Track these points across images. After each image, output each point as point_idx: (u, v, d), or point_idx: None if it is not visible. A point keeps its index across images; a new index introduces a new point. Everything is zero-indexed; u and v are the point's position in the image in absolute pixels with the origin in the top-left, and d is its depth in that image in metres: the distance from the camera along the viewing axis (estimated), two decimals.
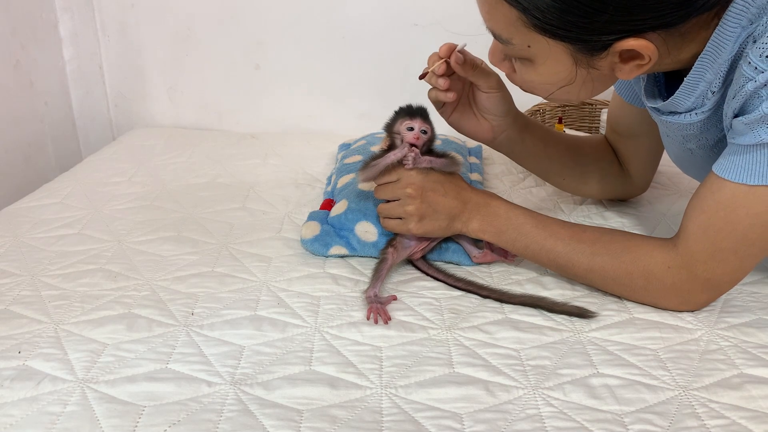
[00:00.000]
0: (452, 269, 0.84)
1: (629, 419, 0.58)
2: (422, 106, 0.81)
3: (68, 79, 1.49)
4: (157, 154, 1.30)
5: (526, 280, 0.82)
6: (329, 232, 0.89)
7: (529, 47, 0.64)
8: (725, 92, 0.65)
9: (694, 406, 0.60)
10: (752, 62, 0.58)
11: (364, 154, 1.07)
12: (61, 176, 1.19)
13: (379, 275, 0.79)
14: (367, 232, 0.87)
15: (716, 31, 0.61)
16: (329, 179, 1.09)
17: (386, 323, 0.72)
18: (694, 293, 0.71)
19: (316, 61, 1.43)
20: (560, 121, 1.26)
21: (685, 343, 0.69)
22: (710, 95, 0.66)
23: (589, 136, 1.01)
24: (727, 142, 0.67)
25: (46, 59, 1.41)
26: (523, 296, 0.77)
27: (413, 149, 0.79)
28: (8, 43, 1.28)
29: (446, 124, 0.86)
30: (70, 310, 0.75)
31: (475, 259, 0.85)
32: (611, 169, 0.96)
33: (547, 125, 1.27)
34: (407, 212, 0.80)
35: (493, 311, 0.75)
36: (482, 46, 0.74)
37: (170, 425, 0.57)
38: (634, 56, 0.62)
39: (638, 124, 0.87)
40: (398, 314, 0.74)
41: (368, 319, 0.73)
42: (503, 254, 0.84)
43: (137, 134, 1.44)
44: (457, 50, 0.77)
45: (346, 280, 0.82)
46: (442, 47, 0.78)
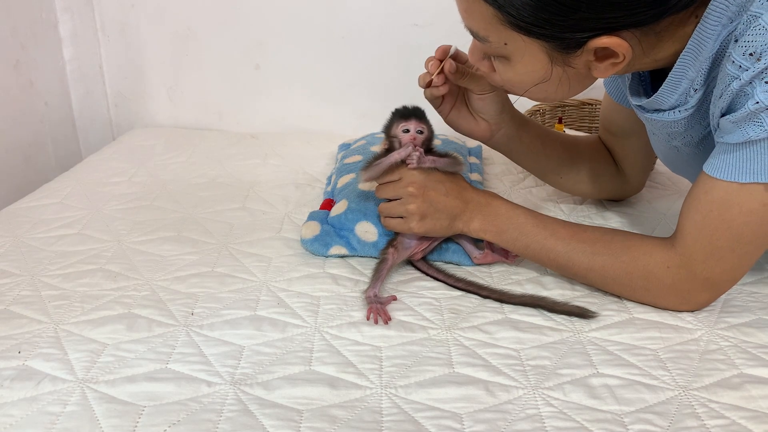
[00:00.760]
0: (452, 269, 0.84)
1: (629, 419, 0.58)
2: (417, 106, 0.82)
3: (68, 79, 1.49)
4: (157, 154, 1.30)
5: (526, 280, 0.82)
6: (329, 232, 0.89)
7: (505, 45, 0.65)
8: (708, 90, 0.66)
9: (694, 406, 0.60)
10: (736, 61, 0.59)
11: (364, 154, 1.07)
12: (61, 176, 1.19)
13: (379, 275, 0.79)
14: (367, 232, 0.87)
15: (697, 29, 0.62)
16: (329, 179, 1.09)
17: (386, 323, 0.72)
18: (693, 293, 0.71)
19: (316, 61, 1.43)
20: (560, 121, 1.26)
21: (685, 343, 0.69)
22: (693, 93, 0.67)
23: (585, 135, 1.01)
24: (712, 139, 0.68)
25: (46, 59, 1.41)
26: (523, 296, 0.77)
27: (417, 148, 0.79)
28: (8, 43, 1.28)
29: (444, 123, 0.87)
30: (70, 310, 0.75)
31: (475, 260, 0.85)
32: (606, 169, 0.96)
33: (546, 125, 1.27)
34: (409, 211, 0.80)
35: (493, 311, 0.75)
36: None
37: (170, 425, 0.57)
38: (608, 55, 0.63)
39: (630, 123, 0.87)
40: (398, 314, 0.74)
41: (368, 319, 0.73)
42: (504, 255, 0.84)
43: (137, 134, 1.44)
44: (449, 56, 0.78)
45: (346, 280, 0.82)
46: (437, 50, 0.79)
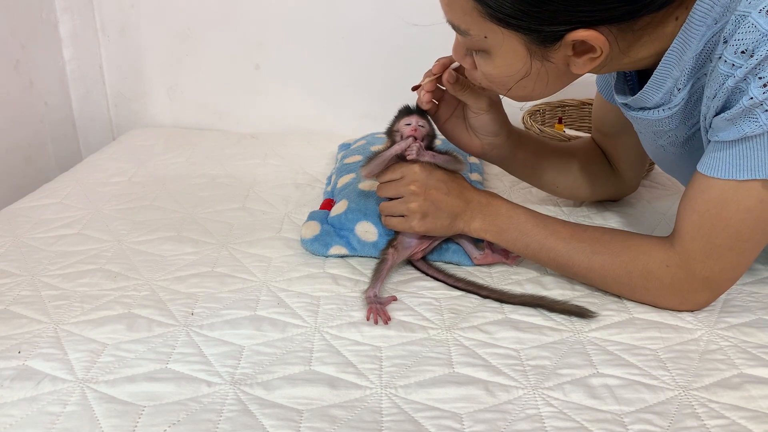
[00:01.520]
0: (452, 269, 0.84)
1: (629, 419, 0.58)
2: (419, 106, 0.82)
3: (68, 79, 1.49)
4: (157, 154, 1.30)
5: (526, 280, 0.82)
6: (329, 232, 0.89)
7: (485, 38, 0.66)
8: (692, 90, 0.67)
9: (693, 406, 0.60)
10: (728, 60, 0.60)
11: (364, 154, 1.07)
12: (61, 176, 1.19)
13: (379, 275, 0.79)
14: (367, 232, 0.87)
15: (683, 29, 0.62)
16: (329, 179, 1.10)
17: (386, 323, 0.72)
18: (693, 292, 0.71)
19: (316, 61, 1.43)
20: (560, 121, 1.25)
21: (685, 343, 0.69)
22: (676, 92, 0.67)
23: (578, 141, 1.02)
24: (698, 140, 0.69)
25: (46, 59, 1.41)
26: (523, 296, 0.77)
27: (417, 140, 0.79)
28: (8, 43, 1.28)
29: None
30: (70, 310, 0.75)
31: (475, 260, 0.85)
32: (601, 170, 0.97)
33: (546, 125, 1.27)
34: (410, 210, 0.80)
35: (492, 311, 0.75)
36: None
37: (170, 425, 0.57)
38: (586, 50, 0.64)
39: (621, 121, 0.87)
40: (398, 314, 0.74)
41: (368, 319, 0.73)
42: (504, 255, 0.84)
43: (137, 134, 1.44)
44: (451, 68, 0.78)
45: (346, 280, 0.82)
46: (435, 63, 0.79)
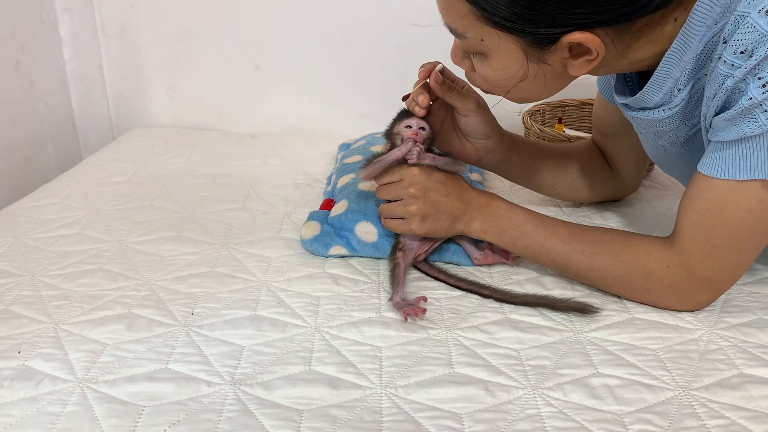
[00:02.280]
0: (452, 269, 0.84)
1: (629, 419, 0.58)
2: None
3: (68, 79, 1.49)
4: (157, 154, 1.30)
5: (526, 280, 0.82)
6: (329, 232, 0.89)
7: (482, 41, 0.66)
8: (692, 91, 0.67)
9: (693, 406, 0.60)
10: (728, 60, 0.60)
11: (364, 154, 1.07)
12: (61, 176, 1.19)
13: (398, 280, 0.78)
14: (367, 232, 0.87)
15: (683, 29, 0.62)
16: (329, 179, 1.10)
17: (424, 314, 0.73)
18: (693, 292, 0.71)
19: (316, 61, 1.43)
20: (560, 121, 1.25)
21: (685, 343, 0.69)
22: (677, 92, 0.67)
23: (576, 142, 1.02)
24: (698, 140, 0.70)
25: (46, 59, 1.41)
26: (524, 296, 0.77)
27: (417, 144, 0.79)
28: (8, 43, 1.28)
29: None
30: (70, 310, 0.75)
31: (476, 261, 0.85)
32: (601, 172, 0.97)
33: (546, 125, 1.27)
34: (410, 212, 0.80)
35: (492, 311, 0.75)
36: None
37: (170, 425, 0.57)
38: (583, 52, 0.64)
39: (622, 121, 0.87)
40: (398, 314, 0.74)
41: (406, 321, 0.72)
42: (504, 256, 0.84)
43: (137, 134, 1.44)
44: (436, 70, 0.78)
45: (346, 280, 0.82)
46: (420, 70, 0.80)
